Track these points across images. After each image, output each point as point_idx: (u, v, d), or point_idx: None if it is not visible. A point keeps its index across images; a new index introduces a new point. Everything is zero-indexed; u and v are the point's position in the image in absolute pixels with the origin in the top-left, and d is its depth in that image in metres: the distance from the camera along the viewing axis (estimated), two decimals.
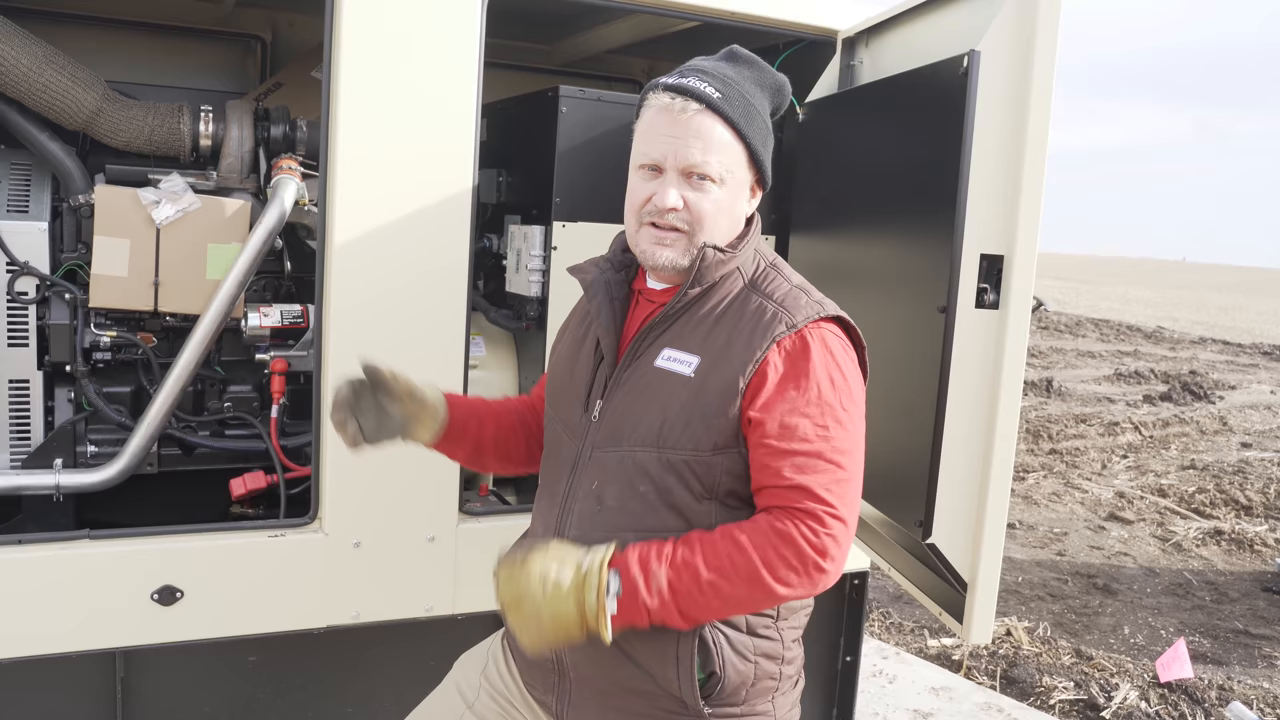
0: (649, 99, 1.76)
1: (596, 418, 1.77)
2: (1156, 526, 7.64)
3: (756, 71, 1.80)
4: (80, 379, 2.63)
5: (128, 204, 2.54)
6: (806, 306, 1.70)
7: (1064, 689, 4.46)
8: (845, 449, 1.63)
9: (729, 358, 1.67)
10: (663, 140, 1.71)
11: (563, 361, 1.92)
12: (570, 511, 1.77)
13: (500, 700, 1.94)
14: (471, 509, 2.59)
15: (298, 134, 2.75)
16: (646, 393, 1.71)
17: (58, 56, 2.51)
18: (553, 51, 3.92)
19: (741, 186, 1.76)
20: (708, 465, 1.67)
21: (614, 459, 1.72)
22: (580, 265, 1.91)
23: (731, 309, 1.72)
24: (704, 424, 1.66)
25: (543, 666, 1.83)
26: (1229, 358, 18.88)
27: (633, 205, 1.76)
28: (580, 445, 1.78)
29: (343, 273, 2.34)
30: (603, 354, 1.81)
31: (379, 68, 2.31)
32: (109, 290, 2.57)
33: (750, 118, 1.74)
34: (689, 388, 1.68)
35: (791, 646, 1.79)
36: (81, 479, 2.47)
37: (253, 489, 2.71)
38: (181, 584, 2.31)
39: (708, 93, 1.70)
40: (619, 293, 1.83)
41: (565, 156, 2.66)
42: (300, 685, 2.55)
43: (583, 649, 1.72)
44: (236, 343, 2.79)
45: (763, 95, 1.79)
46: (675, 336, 1.74)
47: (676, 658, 1.67)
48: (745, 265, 1.77)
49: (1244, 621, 5.80)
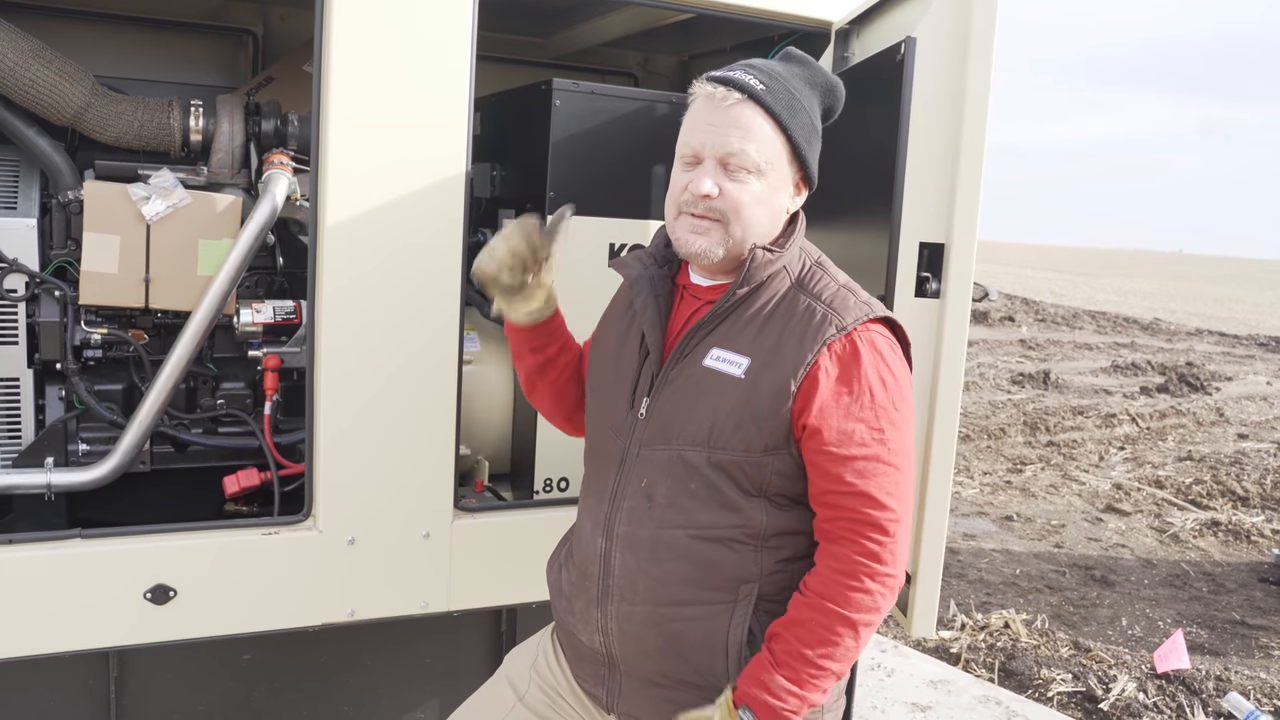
0: (695, 89, 1.77)
1: (644, 415, 1.78)
2: (1154, 518, 7.65)
3: (807, 70, 1.80)
4: (71, 377, 2.61)
5: (117, 200, 2.52)
6: (855, 308, 1.71)
7: (1062, 681, 4.46)
8: (900, 449, 1.67)
9: (780, 360, 1.68)
10: (703, 129, 1.72)
11: (606, 356, 1.93)
12: (619, 509, 1.78)
13: (550, 692, 1.97)
14: (467, 505, 2.57)
15: (289, 129, 2.73)
16: (696, 392, 1.73)
17: (45, 51, 2.49)
18: (546, 44, 3.90)
19: (783, 181, 1.76)
20: (758, 465, 1.69)
21: (663, 457, 1.74)
22: (623, 259, 1.91)
23: (780, 310, 1.73)
24: (755, 426, 1.67)
25: (593, 659, 1.86)
26: (1225, 349, 18.89)
27: (672, 194, 1.78)
28: (627, 442, 1.80)
29: (335, 268, 2.32)
30: (648, 350, 1.81)
31: (371, 62, 2.29)
32: (99, 287, 2.55)
33: (794, 111, 1.73)
34: (740, 389, 1.69)
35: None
36: (73, 477, 2.45)
37: (246, 486, 2.69)
38: (175, 583, 2.30)
39: (750, 84, 1.70)
40: (663, 288, 1.84)
41: (559, 150, 2.64)
42: (295, 683, 2.54)
43: (633, 642, 1.78)
44: (229, 339, 2.77)
45: (811, 93, 1.78)
46: (724, 336, 1.74)
47: (726, 650, 1.70)
48: (792, 264, 1.78)
49: (1241, 612, 5.81)
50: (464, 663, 2.72)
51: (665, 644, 1.74)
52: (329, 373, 2.35)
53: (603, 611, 1.80)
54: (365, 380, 2.37)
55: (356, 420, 2.38)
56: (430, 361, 2.43)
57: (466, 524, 2.54)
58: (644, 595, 1.75)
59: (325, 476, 2.38)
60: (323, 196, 2.30)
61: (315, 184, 2.33)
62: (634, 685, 1.81)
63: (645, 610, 1.75)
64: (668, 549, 1.73)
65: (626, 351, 1.86)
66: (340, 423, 2.35)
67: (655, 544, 1.73)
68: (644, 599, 1.75)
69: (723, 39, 3.48)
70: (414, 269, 2.39)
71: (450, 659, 2.69)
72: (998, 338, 17.89)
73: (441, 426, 2.46)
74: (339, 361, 2.35)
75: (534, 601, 2.63)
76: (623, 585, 1.77)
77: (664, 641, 1.74)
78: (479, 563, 2.55)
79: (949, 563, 6.34)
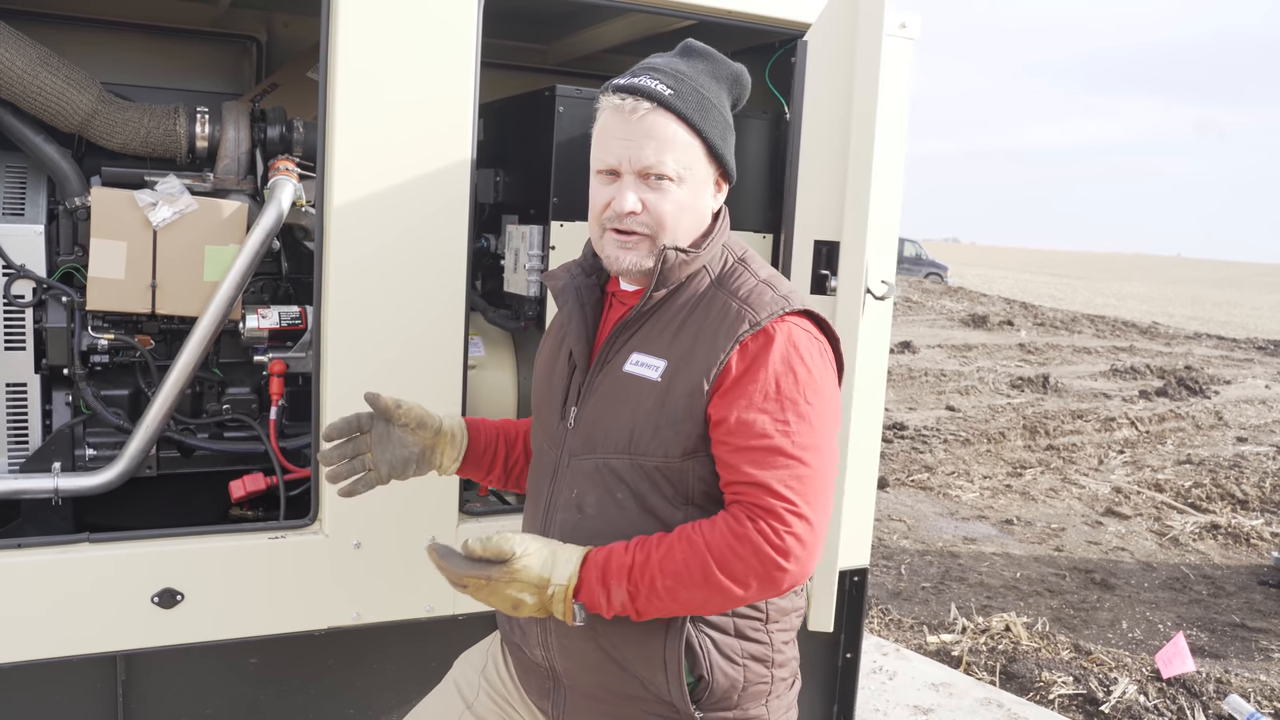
0: (601, 101, 1.72)
1: (572, 425, 1.75)
2: (1153, 521, 7.66)
3: (711, 64, 1.76)
4: (78, 382, 2.63)
5: (124, 206, 2.53)
6: (771, 302, 1.66)
7: (1063, 684, 4.47)
8: (808, 444, 1.59)
9: (694, 361, 1.64)
10: (617, 144, 1.68)
11: (542, 370, 1.91)
12: (553, 521, 1.76)
13: (499, 700, 1.94)
14: (471, 509, 2.59)
15: (294, 135, 2.75)
16: (617, 398, 1.69)
17: (53, 59, 2.51)
18: (549, 51, 3.91)
19: (703, 183, 1.72)
20: (679, 471, 1.65)
21: (590, 466, 1.71)
22: (553, 272, 1.87)
23: (698, 309, 1.69)
24: (672, 430, 1.64)
25: (537, 672, 1.83)
26: (1224, 353, 18.92)
27: (594, 211, 1.73)
28: (559, 453, 1.77)
29: (340, 274, 2.34)
30: (575, 361, 1.79)
31: (375, 68, 2.30)
32: (106, 293, 2.56)
33: (705, 111, 1.70)
34: (656, 393, 1.65)
35: (783, 649, 1.77)
36: (80, 482, 2.47)
37: (252, 491, 2.70)
38: (182, 587, 2.31)
39: (658, 90, 1.66)
40: (589, 297, 1.81)
41: (562, 156, 2.65)
42: (301, 687, 2.55)
43: (573, 656, 1.74)
44: (234, 345, 2.78)
45: (719, 88, 1.75)
46: (644, 340, 1.71)
47: (664, 662, 1.66)
48: (712, 263, 1.74)
49: (1241, 615, 5.82)
50: None
51: (604, 657, 1.70)
52: (334, 377, 2.36)
53: (543, 626, 1.76)
54: (370, 385, 2.37)
55: None
56: (435, 366, 2.44)
57: (472, 528, 2.55)
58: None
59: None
60: (328, 202, 2.32)
61: (320, 190, 2.34)
62: (577, 700, 1.78)
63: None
64: None
65: (559, 363, 1.84)
66: None
67: None
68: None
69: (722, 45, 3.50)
70: (419, 274, 2.40)
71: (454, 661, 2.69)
72: (996, 342, 17.91)
73: None
74: (344, 366, 2.37)
75: None
76: None
77: (603, 654, 1.70)
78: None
79: (950, 566, 6.36)
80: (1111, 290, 41.60)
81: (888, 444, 9.38)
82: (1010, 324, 20.96)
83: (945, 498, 7.99)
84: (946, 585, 6.04)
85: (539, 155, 2.72)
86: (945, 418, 10.89)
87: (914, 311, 22.84)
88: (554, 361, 1.86)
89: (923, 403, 11.78)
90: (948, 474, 8.63)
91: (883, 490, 7.95)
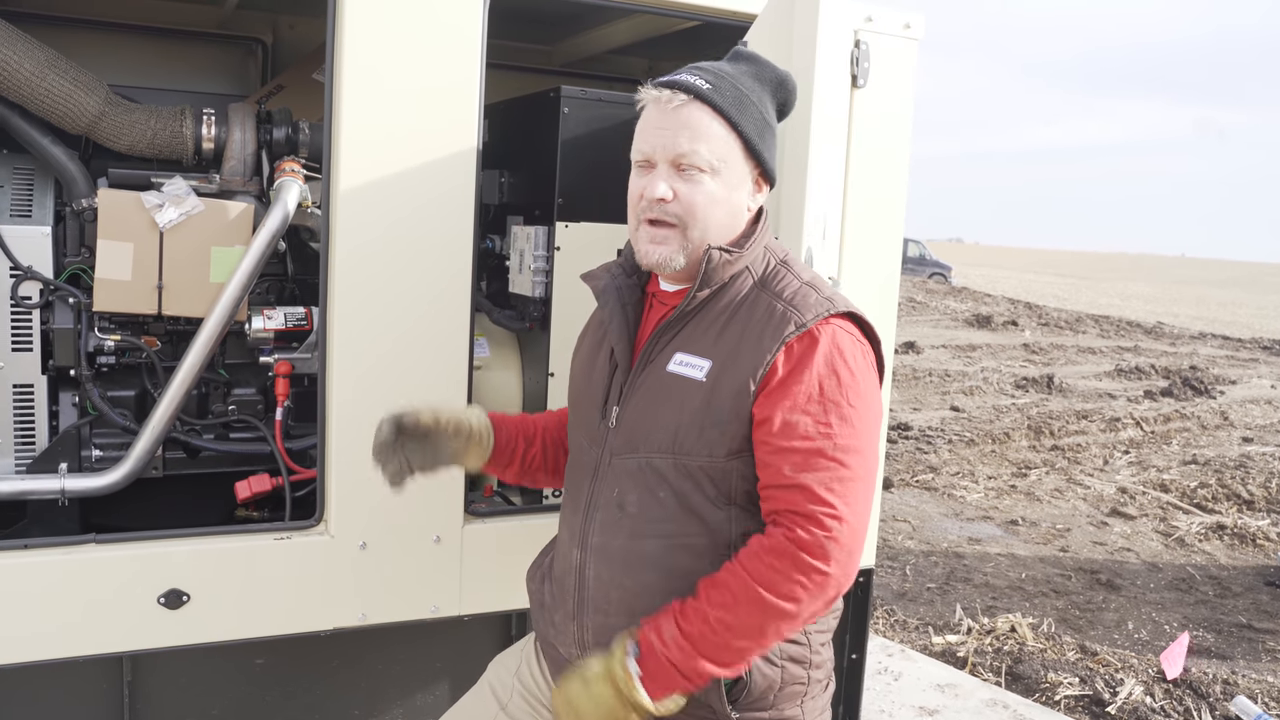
0: (642, 95, 1.75)
1: (614, 424, 1.77)
2: (1159, 522, 7.65)
3: (755, 66, 1.79)
4: (84, 383, 2.63)
5: (131, 208, 2.54)
6: (816, 304, 1.68)
7: (1069, 685, 4.46)
8: (849, 446, 1.60)
9: (739, 361, 1.66)
10: (653, 133, 1.71)
11: (581, 368, 1.92)
12: (593, 520, 1.77)
13: (532, 701, 1.96)
14: (477, 510, 2.59)
15: (300, 136, 2.75)
16: (660, 398, 1.71)
17: (60, 61, 2.51)
18: (553, 52, 3.92)
19: (739, 179, 1.73)
20: (723, 471, 1.67)
21: (633, 465, 1.72)
22: (593, 271, 1.90)
23: (742, 310, 1.71)
24: (717, 430, 1.65)
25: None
26: (1229, 353, 18.88)
27: (631, 204, 1.76)
28: (600, 452, 1.79)
29: (346, 275, 2.34)
30: (617, 360, 1.80)
31: (381, 69, 2.31)
32: (113, 294, 2.57)
33: (743, 107, 1.71)
34: (701, 393, 1.67)
35: (820, 650, 1.78)
36: (87, 483, 2.47)
37: (258, 492, 2.71)
38: (188, 587, 2.31)
39: (696, 84, 1.69)
40: (631, 297, 1.82)
41: (567, 157, 2.66)
42: (307, 687, 2.56)
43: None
44: (240, 346, 2.79)
45: (761, 89, 1.76)
46: (687, 340, 1.72)
47: None
48: (755, 264, 1.75)
49: (1247, 616, 5.81)
50: (474, 667, 2.71)
51: None
52: (340, 378, 2.36)
53: (579, 624, 1.78)
54: (376, 385, 2.38)
55: (368, 425, 2.38)
56: (440, 367, 2.45)
57: (477, 529, 2.55)
58: (617, 607, 1.73)
59: (337, 481, 2.40)
60: (334, 203, 2.32)
61: (326, 191, 2.35)
62: None
63: (619, 622, 1.71)
64: (640, 559, 1.70)
65: (599, 362, 1.85)
66: (351, 428, 2.37)
67: (628, 554, 1.72)
68: (617, 610, 1.73)
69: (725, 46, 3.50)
70: (424, 275, 2.41)
71: (461, 663, 2.69)
72: (1001, 342, 17.90)
73: None
74: (350, 367, 2.37)
75: None
76: (597, 598, 1.76)
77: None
78: (489, 567, 2.56)
79: (955, 567, 6.35)
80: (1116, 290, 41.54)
81: (892, 444, 9.38)
82: (1015, 324, 20.94)
83: (950, 498, 7.98)
84: (951, 586, 6.04)
85: (544, 156, 2.72)
86: (950, 418, 10.88)
87: (918, 312, 22.83)
88: (593, 360, 1.88)
89: (927, 403, 11.77)
90: (952, 474, 8.62)
91: (887, 491, 7.94)
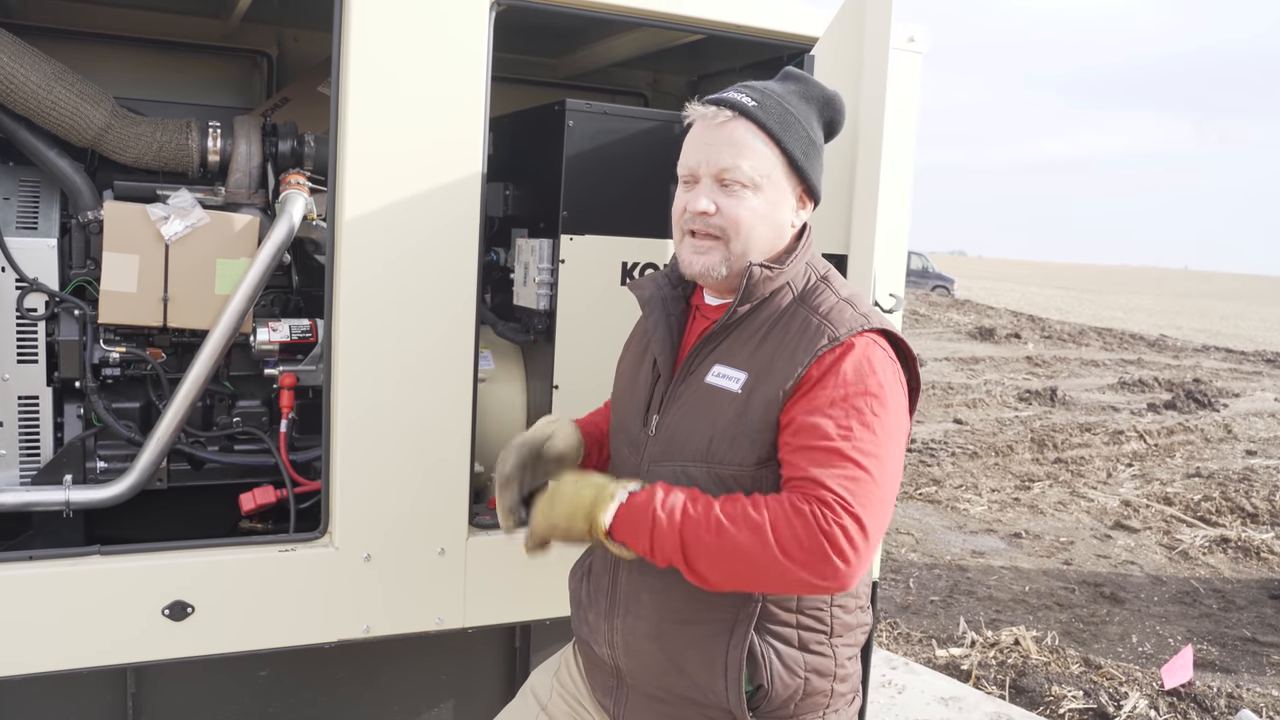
0: (689, 113, 1.79)
1: (654, 432, 1.81)
2: (1163, 535, 7.63)
3: (802, 85, 1.82)
4: (89, 395, 2.64)
5: (136, 220, 2.55)
6: (851, 319, 1.70)
7: (1073, 698, 4.45)
8: (868, 451, 1.60)
9: (773, 373, 1.69)
10: (698, 148, 1.75)
11: (625, 377, 1.97)
12: None
13: (570, 700, 2.00)
14: (481, 521, 2.59)
15: (305, 149, 2.76)
16: (697, 409, 1.75)
17: (67, 74, 2.53)
18: (558, 65, 3.93)
19: (783, 195, 1.77)
20: (753, 479, 1.69)
21: (668, 472, 1.76)
22: (639, 281, 1.95)
23: (780, 324, 1.74)
24: (748, 440, 1.68)
25: (603, 669, 1.89)
26: (1233, 365, 18.87)
27: (675, 217, 1.80)
28: (639, 459, 1.83)
29: (351, 287, 2.34)
30: (659, 370, 1.84)
31: (387, 82, 2.32)
32: (118, 306, 2.57)
33: (787, 125, 1.74)
34: (735, 404, 1.70)
35: (846, 664, 1.80)
36: (91, 495, 2.47)
37: (262, 504, 2.71)
38: (192, 599, 2.31)
39: (742, 101, 1.73)
40: (675, 308, 1.87)
41: (572, 169, 2.66)
42: (311, 700, 2.55)
43: (637, 656, 1.78)
44: (245, 358, 2.79)
45: (808, 108, 1.80)
46: (726, 353, 1.76)
47: (725, 668, 1.70)
48: (796, 279, 1.78)
49: (1252, 629, 5.79)
50: (479, 679, 2.73)
51: (666, 659, 1.76)
52: (345, 390, 2.37)
53: (610, 624, 1.84)
54: (381, 398, 2.39)
55: (372, 438, 2.40)
56: (445, 379, 2.45)
57: (481, 541, 2.55)
58: (647, 609, 1.78)
59: (341, 493, 2.40)
60: (339, 216, 2.33)
61: (331, 204, 2.35)
62: (638, 699, 1.83)
63: (648, 624, 1.77)
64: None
65: (642, 370, 1.90)
66: (356, 440, 2.37)
67: None
68: (647, 613, 1.78)
69: (731, 59, 3.52)
70: (429, 287, 2.41)
71: (465, 675, 2.69)
72: (1004, 355, 17.89)
73: (456, 444, 2.48)
74: (355, 379, 2.37)
75: (548, 618, 2.64)
76: (628, 598, 1.81)
77: (665, 657, 1.76)
78: (494, 579, 2.56)
79: (958, 580, 6.34)
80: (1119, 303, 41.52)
81: None
82: (1018, 337, 20.94)
83: (953, 511, 7.96)
84: (955, 599, 6.02)
85: (549, 169, 2.73)
86: (953, 431, 10.87)
87: (921, 324, 22.83)
88: (637, 369, 1.92)
89: (930, 416, 11.76)
90: (956, 487, 8.60)
91: None
